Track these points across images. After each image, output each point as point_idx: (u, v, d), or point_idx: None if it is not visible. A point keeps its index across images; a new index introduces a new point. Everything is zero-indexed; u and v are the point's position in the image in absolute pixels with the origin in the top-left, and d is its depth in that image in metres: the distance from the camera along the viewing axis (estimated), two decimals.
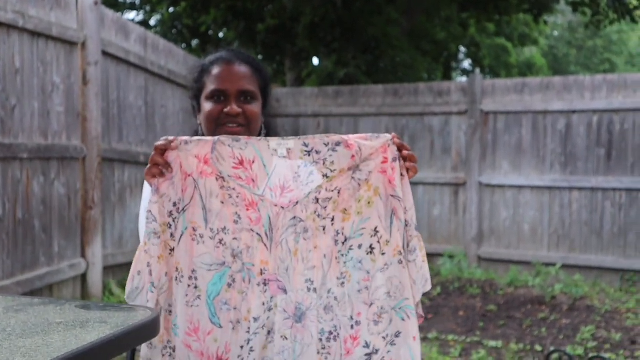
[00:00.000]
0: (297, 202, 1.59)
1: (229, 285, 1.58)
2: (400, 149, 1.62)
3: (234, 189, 1.59)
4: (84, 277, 5.53)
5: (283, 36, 11.38)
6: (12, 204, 4.64)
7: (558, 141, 7.53)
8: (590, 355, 4.57)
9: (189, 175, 1.59)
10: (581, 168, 7.42)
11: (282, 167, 1.60)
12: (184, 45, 14.51)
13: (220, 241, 1.59)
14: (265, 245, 1.58)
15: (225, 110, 1.88)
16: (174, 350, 1.59)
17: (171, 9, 13.73)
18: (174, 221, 1.59)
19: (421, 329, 5.30)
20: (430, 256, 7.94)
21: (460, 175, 7.99)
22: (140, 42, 6.53)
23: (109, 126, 5.98)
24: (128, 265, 6.35)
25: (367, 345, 1.57)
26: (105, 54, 5.79)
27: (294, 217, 1.58)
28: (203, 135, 1.97)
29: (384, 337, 1.57)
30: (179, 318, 1.58)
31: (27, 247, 4.82)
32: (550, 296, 6.36)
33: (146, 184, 2.01)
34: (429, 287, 1.65)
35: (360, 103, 8.52)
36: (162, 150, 1.60)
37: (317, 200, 1.59)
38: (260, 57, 13.08)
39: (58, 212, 5.19)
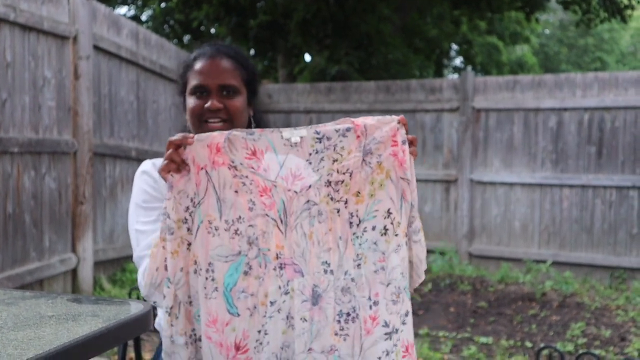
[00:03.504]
0: (309, 186, 1.60)
1: (245, 272, 1.59)
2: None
3: (246, 176, 1.59)
4: (74, 272, 5.51)
5: (275, 32, 11.36)
6: (2, 199, 4.61)
7: (549, 139, 7.56)
8: (580, 351, 4.58)
9: (202, 168, 1.59)
10: (572, 165, 7.45)
11: (294, 157, 1.61)
12: (175, 40, 14.48)
13: (236, 231, 1.59)
14: (280, 229, 1.59)
15: (206, 105, 1.89)
16: (199, 339, 1.62)
17: (163, 4, 13.70)
18: (190, 215, 1.60)
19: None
20: None
21: (452, 172, 8.01)
22: (132, 37, 6.51)
23: (100, 121, 5.95)
24: (119, 260, 6.34)
25: (386, 325, 1.60)
26: (96, 48, 5.77)
27: (308, 201, 1.60)
28: (190, 131, 1.98)
29: (400, 317, 1.62)
30: (201, 310, 1.60)
31: (18, 242, 4.80)
32: (541, 293, 6.38)
33: (136, 180, 2.01)
34: (425, 266, 1.75)
35: (352, 99, 8.53)
36: (177, 146, 1.59)
37: (329, 183, 1.60)
38: (252, 53, 13.06)
39: (49, 207, 5.17)
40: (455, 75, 22.65)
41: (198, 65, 1.94)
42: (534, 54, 24.46)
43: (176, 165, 1.60)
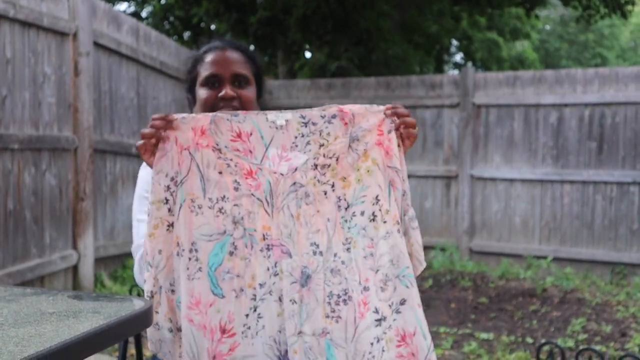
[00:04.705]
0: (295, 169, 1.58)
1: (231, 253, 1.55)
2: (399, 116, 1.65)
3: (231, 159, 1.57)
4: (75, 269, 5.51)
5: (275, 28, 11.36)
6: (2, 195, 4.61)
7: (550, 134, 7.55)
8: (581, 347, 4.59)
9: (185, 149, 1.57)
10: (573, 161, 7.44)
11: (280, 139, 1.60)
12: (175, 37, 14.47)
13: (220, 209, 1.56)
14: (266, 211, 1.57)
15: (220, 94, 1.88)
16: (179, 330, 1.57)
17: (163, 1, 13.69)
18: (171, 195, 1.57)
19: None
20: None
21: (452, 168, 8.00)
22: (132, 33, 6.50)
23: (100, 117, 5.95)
24: (120, 257, 6.35)
25: (376, 311, 1.58)
26: (96, 45, 5.76)
27: (294, 183, 1.58)
28: None
29: (389, 305, 1.59)
30: (182, 294, 1.54)
31: (18, 239, 4.80)
32: (542, 289, 6.38)
33: (140, 172, 2.01)
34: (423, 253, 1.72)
35: (352, 95, 8.52)
36: (159, 128, 1.57)
37: (316, 166, 1.59)
38: (252, 49, 13.04)
39: (49, 204, 5.17)
40: (456, 71, 22.63)
41: (209, 57, 1.93)
42: (534, 49, 24.44)
43: (150, 141, 1.57)
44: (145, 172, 1.99)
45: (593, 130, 7.36)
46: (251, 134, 1.59)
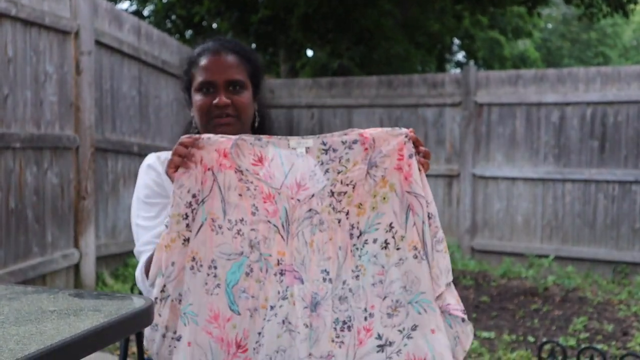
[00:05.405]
0: (312, 195, 1.62)
1: (247, 274, 1.61)
2: (415, 144, 1.65)
3: (251, 182, 1.61)
4: (77, 268, 5.52)
5: (276, 27, 11.36)
6: (4, 194, 4.62)
7: (552, 133, 7.54)
8: (583, 346, 4.58)
9: (209, 169, 1.62)
10: (574, 160, 7.44)
11: (300, 166, 1.63)
12: (177, 35, 14.47)
13: (238, 232, 1.61)
14: (281, 236, 1.61)
15: (214, 102, 1.88)
16: (178, 340, 1.61)
17: None
18: (192, 212, 1.62)
19: None
20: None
21: (454, 167, 8.00)
22: (134, 32, 6.50)
23: (102, 116, 5.95)
24: (121, 255, 6.35)
25: (379, 337, 1.60)
26: (98, 43, 5.76)
27: (310, 210, 1.61)
28: (197, 126, 1.97)
29: (400, 331, 1.60)
30: (198, 307, 1.60)
31: (20, 237, 4.81)
32: (543, 287, 6.38)
33: (140, 173, 2.01)
34: (451, 277, 1.68)
35: (354, 94, 8.52)
36: (187, 146, 1.61)
37: (333, 193, 1.62)
38: (253, 47, 13.05)
39: (51, 202, 5.17)
40: (458, 70, 22.62)
41: (203, 61, 1.92)
42: (536, 48, 24.41)
43: (181, 158, 1.60)
44: (144, 175, 1.98)
45: (595, 129, 7.35)
46: (272, 160, 1.63)
